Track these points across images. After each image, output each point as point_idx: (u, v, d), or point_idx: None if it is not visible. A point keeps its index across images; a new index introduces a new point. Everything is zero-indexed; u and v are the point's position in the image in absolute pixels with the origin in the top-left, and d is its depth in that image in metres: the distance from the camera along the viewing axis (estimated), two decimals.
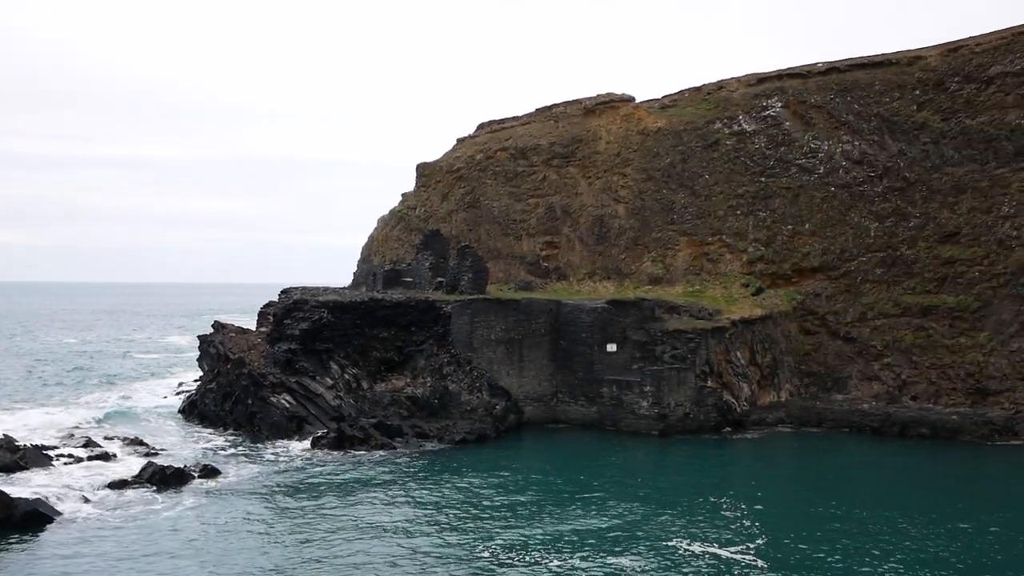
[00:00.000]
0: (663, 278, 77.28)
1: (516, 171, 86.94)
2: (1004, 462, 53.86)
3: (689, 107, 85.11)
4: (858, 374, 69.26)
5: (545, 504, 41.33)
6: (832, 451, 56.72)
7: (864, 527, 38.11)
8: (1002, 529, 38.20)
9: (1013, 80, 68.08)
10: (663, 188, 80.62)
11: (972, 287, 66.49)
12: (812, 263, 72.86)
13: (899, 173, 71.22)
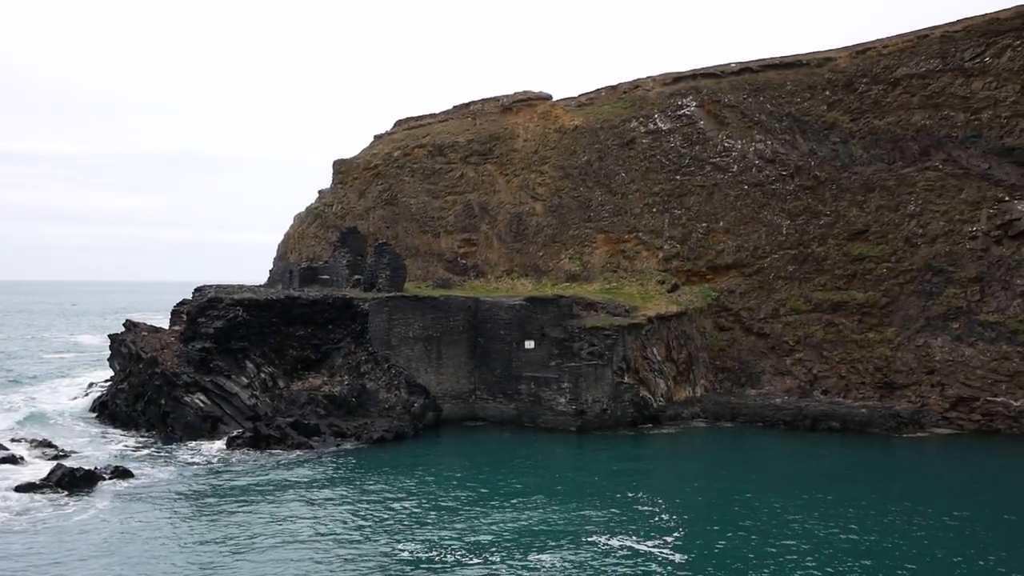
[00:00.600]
0: (580, 275, 77.82)
1: (434, 168, 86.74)
2: (910, 454, 55.41)
3: (606, 106, 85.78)
4: (771, 369, 70.57)
5: (464, 502, 41.32)
6: (746, 445, 57.70)
7: (777, 518, 38.83)
8: (908, 517, 39.25)
9: (918, 82, 69.93)
10: (580, 186, 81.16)
11: (880, 284, 68.20)
12: (726, 260, 74.02)
13: (810, 172, 72.71)
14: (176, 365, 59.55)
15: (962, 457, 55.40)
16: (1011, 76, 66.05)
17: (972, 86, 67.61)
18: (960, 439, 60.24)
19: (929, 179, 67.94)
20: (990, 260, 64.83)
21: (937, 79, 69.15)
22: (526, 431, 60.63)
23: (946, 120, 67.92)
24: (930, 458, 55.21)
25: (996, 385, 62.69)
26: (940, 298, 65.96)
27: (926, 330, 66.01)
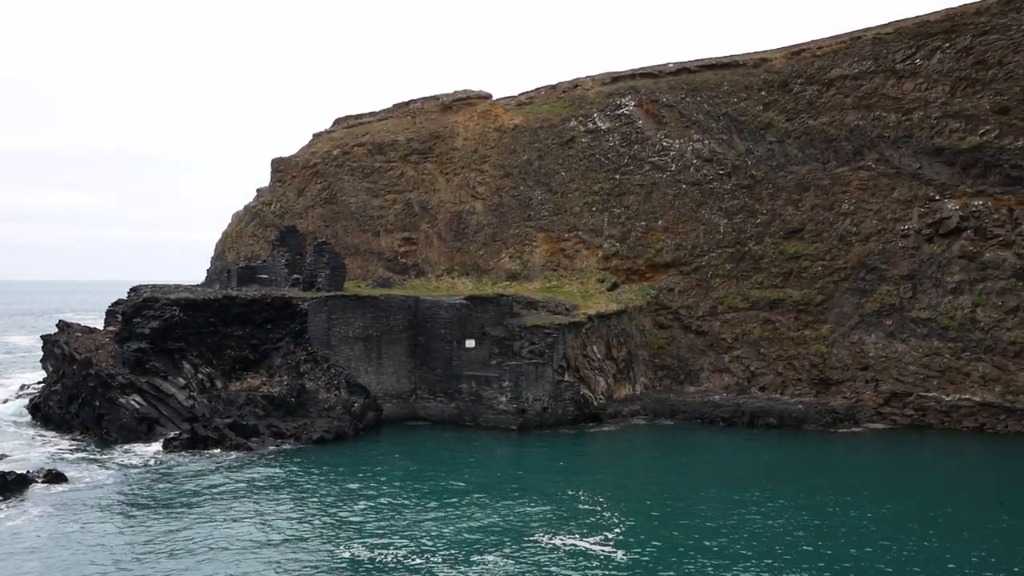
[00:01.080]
0: (521, 274, 78.01)
1: (374, 167, 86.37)
2: (845, 449, 56.38)
3: (545, 105, 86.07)
4: (709, 366, 71.35)
5: (406, 502, 41.22)
6: (685, 442, 58.27)
7: (716, 514, 39.29)
8: (842, 511, 39.96)
9: (852, 83, 71.14)
10: (520, 185, 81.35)
11: (815, 281, 69.28)
12: (665, 259, 74.68)
13: (747, 171, 73.62)
14: (111, 366, 58.62)
15: (895, 452, 56.53)
16: (940, 77, 67.45)
17: (903, 87, 68.94)
18: (893, 434, 61.43)
19: (862, 178, 69.15)
20: (921, 258, 66.17)
21: (870, 80, 70.42)
22: (467, 430, 60.63)
23: (878, 120, 69.19)
24: (864, 453, 56.22)
25: (928, 380, 64.02)
26: (873, 295, 67.19)
27: (860, 327, 67.19)
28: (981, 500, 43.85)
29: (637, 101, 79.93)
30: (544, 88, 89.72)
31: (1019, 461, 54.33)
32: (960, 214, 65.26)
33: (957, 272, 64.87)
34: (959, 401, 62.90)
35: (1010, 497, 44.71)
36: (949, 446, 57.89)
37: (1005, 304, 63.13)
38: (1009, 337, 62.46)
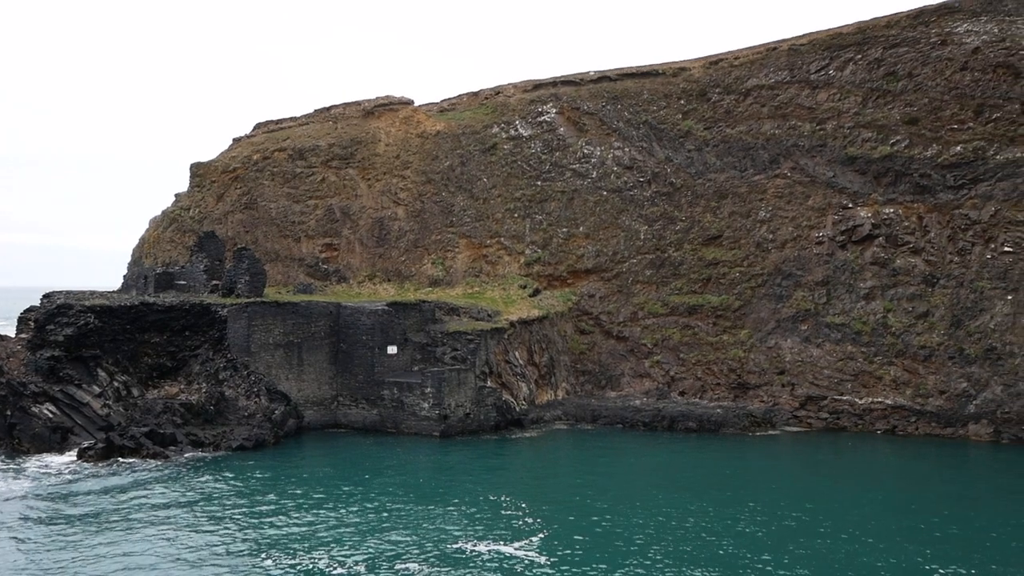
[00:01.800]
0: (443, 280, 77.97)
1: (295, 172, 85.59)
2: (762, 452, 57.45)
3: (468, 111, 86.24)
4: (630, 371, 72.10)
5: (328, 509, 40.94)
6: (606, 447, 58.78)
7: (637, 517, 39.73)
8: (758, 514, 40.71)
9: (768, 92, 72.61)
10: (443, 191, 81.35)
11: (733, 287, 70.48)
12: (586, 265, 75.29)
13: (666, 179, 74.63)
14: (23, 374, 57.16)
15: (810, 454, 57.78)
16: (853, 88, 69.20)
17: (817, 97, 70.58)
18: (809, 436, 62.78)
19: (778, 186, 70.58)
20: (835, 264, 67.76)
21: (785, 90, 71.95)
22: (389, 437, 60.41)
23: (794, 130, 70.72)
24: (781, 456, 57.35)
25: (842, 384, 65.54)
26: (789, 301, 68.59)
27: (777, 332, 68.53)
28: (893, 501, 45.02)
29: (559, 108, 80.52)
30: (466, 95, 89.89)
31: (929, 462, 55.93)
32: (872, 222, 67.00)
33: (869, 278, 66.57)
34: (872, 404, 64.53)
35: (920, 499, 46.00)
36: (862, 448, 59.34)
37: (915, 309, 64.94)
38: (919, 341, 64.28)
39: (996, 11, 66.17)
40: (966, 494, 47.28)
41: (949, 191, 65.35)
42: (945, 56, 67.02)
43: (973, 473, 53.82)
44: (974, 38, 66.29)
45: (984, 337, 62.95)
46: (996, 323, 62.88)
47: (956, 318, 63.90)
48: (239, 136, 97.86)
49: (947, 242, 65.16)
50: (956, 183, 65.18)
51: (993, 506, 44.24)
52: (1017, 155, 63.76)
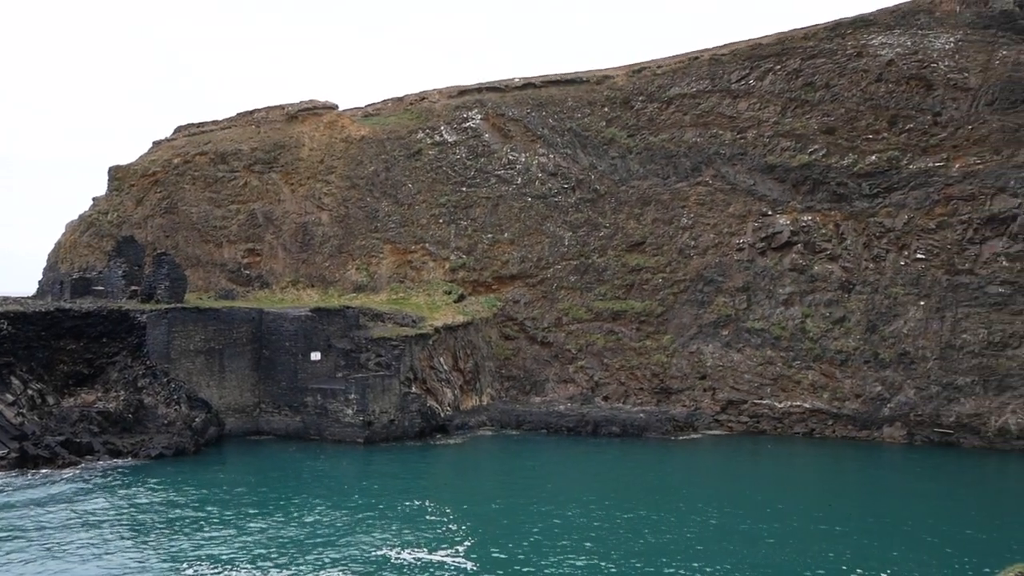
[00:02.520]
0: (368, 286, 77.62)
1: (216, 176, 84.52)
2: (684, 455, 58.22)
3: (392, 116, 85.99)
4: (555, 377, 72.52)
5: (250, 518, 40.47)
6: (531, 452, 59.03)
7: (561, 521, 39.98)
8: (680, 516, 41.27)
9: (690, 101, 73.68)
10: (367, 196, 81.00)
11: (656, 293, 71.33)
12: (511, 271, 75.56)
13: (590, 185, 75.26)
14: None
15: (730, 457, 58.69)
16: (772, 98, 70.55)
17: (738, 106, 71.81)
18: (729, 440, 63.77)
19: (700, 194, 71.64)
20: (755, 271, 68.98)
21: (707, 99, 73.07)
22: (312, 444, 59.91)
23: (715, 138, 71.86)
24: (702, 459, 58.17)
25: (762, 388, 66.72)
26: (711, 307, 69.63)
27: (698, 337, 69.51)
28: (811, 503, 45.95)
29: (484, 115, 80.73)
30: (391, 100, 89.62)
31: (846, 464, 57.21)
32: (791, 229, 68.36)
33: (788, 284, 67.90)
34: (790, 408, 65.81)
35: (838, 500, 47.04)
36: (781, 451, 60.45)
37: (832, 315, 66.40)
38: (835, 346, 65.74)
39: (909, 24, 68.00)
40: (881, 494, 48.46)
41: (864, 199, 66.95)
42: (861, 68, 68.67)
43: (887, 474, 55.19)
44: (888, 51, 68.04)
45: (898, 342, 64.59)
46: (909, 328, 64.55)
47: (871, 323, 65.46)
48: (159, 139, 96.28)
49: (863, 249, 66.73)
50: (871, 192, 66.81)
51: (907, 505, 45.40)
52: (929, 165, 65.58)
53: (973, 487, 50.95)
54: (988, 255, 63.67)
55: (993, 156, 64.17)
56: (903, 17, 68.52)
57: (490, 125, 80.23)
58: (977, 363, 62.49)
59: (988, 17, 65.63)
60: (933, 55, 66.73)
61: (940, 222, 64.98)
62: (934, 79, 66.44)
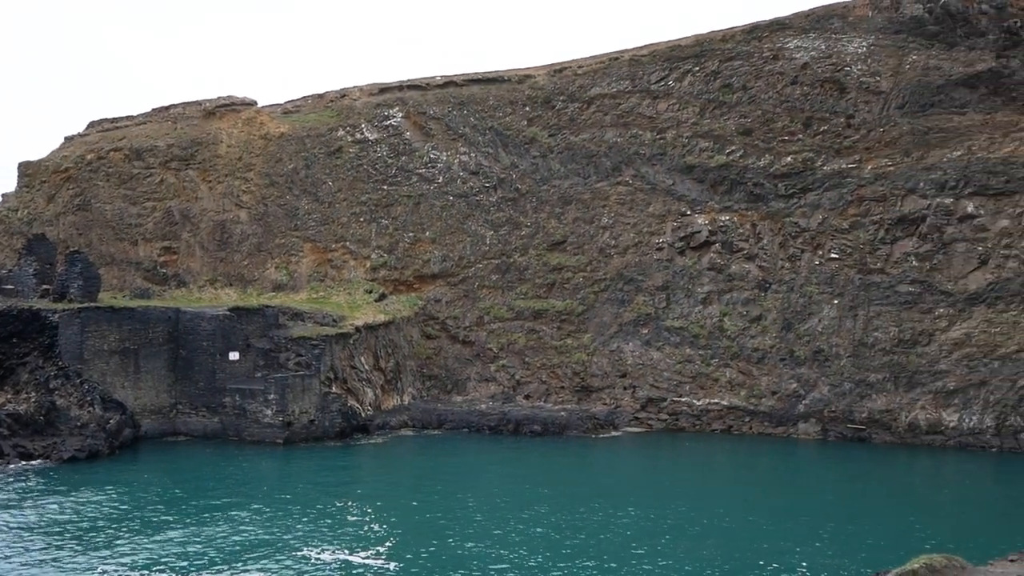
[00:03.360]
0: (287, 285, 76.76)
1: (131, 173, 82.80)
2: (604, 453, 58.73)
3: (312, 114, 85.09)
4: (476, 376, 72.54)
5: (166, 521, 39.80)
6: (452, 451, 59.00)
7: (482, 520, 40.05)
8: (599, 513, 41.63)
9: (610, 101, 74.24)
10: (287, 194, 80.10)
11: (577, 292, 71.75)
12: (432, 270, 75.36)
13: (512, 184, 75.41)
14: None
15: (650, 454, 59.41)
16: (691, 99, 71.47)
17: (658, 107, 72.58)
18: (649, 437, 64.47)
19: (620, 193, 72.25)
20: (674, 270, 69.82)
21: (627, 99, 73.71)
22: (231, 445, 59.05)
23: (635, 138, 72.53)
24: (622, 456, 58.75)
25: (681, 386, 67.56)
26: (631, 305, 70.29)
27: (619, 336, 70.12)
28: (729, 497, 46.69)
29: (405, 113, 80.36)
30: (311, 97, 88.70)
31: (761, 460, 58.27)
32: (709, 228, 69.32)
33: (706, 283, 68.86)
34: (709, 405, 66.74)
35: (754, 494, 47.87)
36: (699, 448, 61.31)
37: (749, 313, 67.51)
38: (752, 344, 66.85)
39: (824, 29, 69.38)
40: (796, 489, 49.48)
41: (780, 200, 68.17)
42: (777, 70, 69.89)
43: (802, 469, 56.37)
44: (803, 54, 69.35)
45: (812, 340, 65.91)
46: (823, 326, 65.91)
47: (787, 321, 66.70)
48: (71, 135, 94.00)
49: (779, 249, 67.95)
50: (787, 192, 68.04)
51: (820, 499, 46.43)
52: (842, 166, 67.01)
53: (883, 481, 52.26)
54: (899, 255, 65.29)
55: (904, 158, 65.83)
56: (818, 21, 69.89)
57: (411, 123, 79.90)
58: (888, 360, 64.07)
59: (899, 23, 67.25)
60: (846, 59, 68.19)
61: (853, 222, 66.45)
62: (847, 82, 67.91)
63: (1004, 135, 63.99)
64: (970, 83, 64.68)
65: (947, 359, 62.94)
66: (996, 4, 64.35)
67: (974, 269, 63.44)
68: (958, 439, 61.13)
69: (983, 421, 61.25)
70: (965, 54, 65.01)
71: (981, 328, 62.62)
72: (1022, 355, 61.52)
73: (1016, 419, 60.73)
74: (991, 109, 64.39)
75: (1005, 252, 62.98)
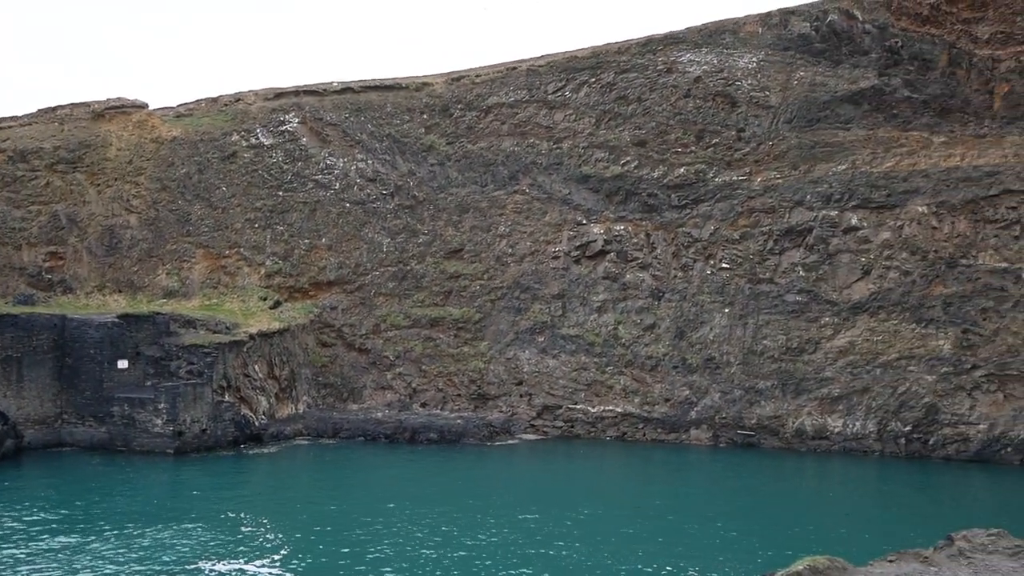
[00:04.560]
0: (179, 292, 75.23)
1: (15, 175, 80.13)
2: (499, 461, 59.07)
3: (206, 117, 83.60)
4: (372, 384, 72.18)
5: (50, 535, 38.68)
6: (347, 460, 58.65)
7: (377, 528, 39.93)
8: (491, 518, 41.86)
9: (508, 111, 74.73)
10: (179, 199, 78.55)
11: (474, 300, 71.98)
12: (328, 277, 74.74)
13: (409, 192, 75.28)
14: None
15: (545, 461, 59.95)
16: (587, 110, 72.39)
17: (554, 117, 73.33)
18: (545, 444, 65.05)
19: (517, 202, 72.76)
20: (570, 278, 70.59)
21: (524, 109, 74.29)
22: (119, 455, 57.64)
23: (532, 147, 73.14)
24: (517, 464, 59.17)
25: (576, 393, 68.31)
26: (527, 313, 70.81)
27: (515, 344, 70.56)
28: (618, 503, 47.44)
29: (301, 118, 79.54)
30: (205, 100, 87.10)
31: (655, 466, 59.33)
32: (604, 238, 70.30)
33: (602, 292, 69.79)
34: (603, 412, 67.63)
35: (645, 500, 48.73)
36: (593, 454, 62.10)
37: (643, 322, 68.65)
38: (646, 352, 68.00)
39: (716, 43, 71.01)
40: (686, 494, 50.49)
41: (674, 210, 69.49)
42: (671, 83, 71.25)
43: (693, 475, 57.55)
44: (696, 67, 70.87)
45: (704, 348, 67.32)
46: (715, 334, 67.40)
47: (680, 330, 67.99)
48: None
49: (672, 258, 69.26)
50: (680, 203, 69.39)
51: (710, 503, 47.46)
52: (733, 178, 68.65)
53: (771, 485, 53.71)
54: (786, 265, 67.15)
55: (791, 171, 67.77)
56: (710, 36, 71.49)
57: (308, 129, 79.13)
58: (776, 368, 65.82)
59: (787, 39, 69.25)
60: (737, 73, 69.91)
61: (743, 233, 68.11)
62: (738, 96, 69.62)
63: (886, 150, 66.39)
64: (854, 100, 66.95)
65: (832, 367, 64.93)
66: (878, 24, 66.76)
67: (857, 279, 65.61)
68: (842, 444, 63.15)
69: (866, 426, 63.34)
70: (849, 71, 67.27)
71: (864, 336, 64.77)
72: (902, 362, 63.85)
73: (896, 424, 62.98)
74: (873, 125, 66.73)
75: (887, 263, 65.28)
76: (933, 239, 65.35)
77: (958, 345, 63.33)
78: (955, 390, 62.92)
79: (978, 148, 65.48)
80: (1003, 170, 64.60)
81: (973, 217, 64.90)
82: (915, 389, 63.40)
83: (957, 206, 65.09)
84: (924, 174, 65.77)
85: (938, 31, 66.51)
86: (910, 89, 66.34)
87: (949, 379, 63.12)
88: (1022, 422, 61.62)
